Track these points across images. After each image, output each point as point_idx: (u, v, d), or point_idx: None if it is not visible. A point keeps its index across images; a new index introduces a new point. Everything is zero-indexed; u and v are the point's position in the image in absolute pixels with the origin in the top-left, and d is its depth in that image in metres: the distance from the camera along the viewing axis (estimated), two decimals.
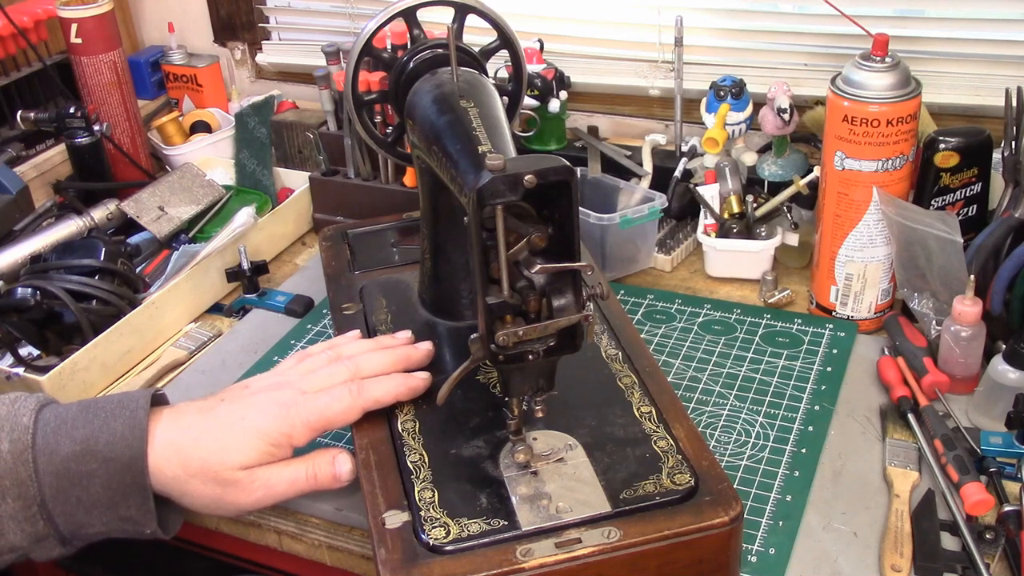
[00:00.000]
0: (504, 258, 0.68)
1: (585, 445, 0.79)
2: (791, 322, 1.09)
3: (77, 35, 1.37)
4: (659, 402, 0.83)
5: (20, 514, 0.74)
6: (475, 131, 0.78)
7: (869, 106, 0.97)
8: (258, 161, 1.44)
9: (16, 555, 0.76)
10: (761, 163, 1.23)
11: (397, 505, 0.75)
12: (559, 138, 1.37)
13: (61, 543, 0.77)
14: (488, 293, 0.70)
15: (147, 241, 1.28)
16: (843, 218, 1.03)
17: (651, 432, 0.80)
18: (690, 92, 1.32)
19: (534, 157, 0.70)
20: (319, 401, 0.80)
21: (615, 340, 0.91)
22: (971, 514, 0.82)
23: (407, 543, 0.71)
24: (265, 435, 0.78)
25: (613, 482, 0.75)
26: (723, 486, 0.74)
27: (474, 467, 0.78)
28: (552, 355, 0.73)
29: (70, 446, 0.75)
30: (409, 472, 0.78)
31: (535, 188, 0.67)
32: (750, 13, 1.35)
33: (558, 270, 0.71)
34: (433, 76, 0.90)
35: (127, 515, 0.76)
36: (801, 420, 0.95)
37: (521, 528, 0.72)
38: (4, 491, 0.74)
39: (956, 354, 0.96)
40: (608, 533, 0.71)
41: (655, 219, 1.18)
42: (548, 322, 0.71)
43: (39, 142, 1.45)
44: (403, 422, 0.83)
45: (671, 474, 0.76)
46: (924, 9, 1.25)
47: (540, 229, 0.70)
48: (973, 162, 1.03)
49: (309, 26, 1.64)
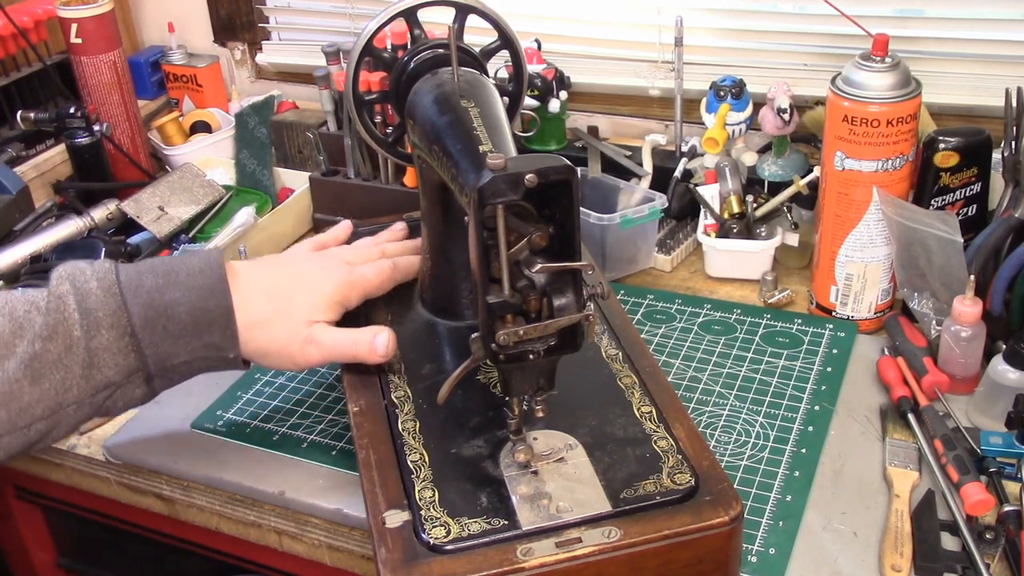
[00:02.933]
0: (505, 257, 0.68)
1: (585, 445, 0.79)
2: (791, 322, 1.09)
3: (77, 35, 1.37)
4: (659, 402, 0.83)
5: (114, 345, 0.78)
6: (476, 131, 0.78)
7: (869, 106, 0.97)
8: (258, 161, 1.44)
9: (106, 395, 0.80)
10: (761, 163, 1.24)
11: (397, 504, 0.75)
12: (559, 138, 1.37)
13: (146, 380, 0.81)
14: (489, 292, 0.70)
15: (147, 241, 1.28)
16: (843, 218, 1.03)
17: (651, 432, 0.80)
18: (690, 92, 1.32)
19: (535, 156, 0.70)
20: (367, 270, 0.92)
21: (615, 340, 0.91)
22: (971, 514, 0.82)
23: (407, 542, 0.71)
24: (328, 296, 0.88)
25: (613, 482, 0.75)
26: (723, 486, 0.74)
27: (474, 467, 0.78)
28: (553, 355, 0.73)
29: (153, 279, 0.81)
30: (409, 471, 0.78)
31: (536, 187, 0.67)
32: (750, 13, 1.35)
33: (559, 269, 0.71)
34: (434, 76, 0.90)
35: (211, 341, 0.82)
36: (801, 420, 0.95)
37: (521, 527, 0.72)
38: (99, 323, 0.78)
39: (956, 354, 0.96)
40: (608, 533, 0.71)
41: (655, 219, 1.18)
42: (549, 321, 0.71)
43: (39, 142, 1.45)
44: (403, 421, 0.83)
45: (671, 474, 0.75)
46: (924, 9, 1.25)
47: (541, 228, 0.70)
48: (973, 162, 1.03)
49: (309, 26, 1.64)
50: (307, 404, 1.00)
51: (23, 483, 1.16)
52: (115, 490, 1.01)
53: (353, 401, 0.86)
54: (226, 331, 0.82)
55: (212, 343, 0.82)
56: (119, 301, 0.79)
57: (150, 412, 1.01)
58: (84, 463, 1.01)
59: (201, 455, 0.96)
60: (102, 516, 1.10)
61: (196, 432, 0.98)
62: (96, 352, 0.78)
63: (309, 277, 0.89)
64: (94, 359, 0.78)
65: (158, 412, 1.01)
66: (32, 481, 1.11)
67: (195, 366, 0.83)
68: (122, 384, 0.80)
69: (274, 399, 1.01)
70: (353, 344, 0.86)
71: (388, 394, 0.86)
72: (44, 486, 1.11)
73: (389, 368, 0.88)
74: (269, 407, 1.00)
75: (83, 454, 1.00)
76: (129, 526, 1.09)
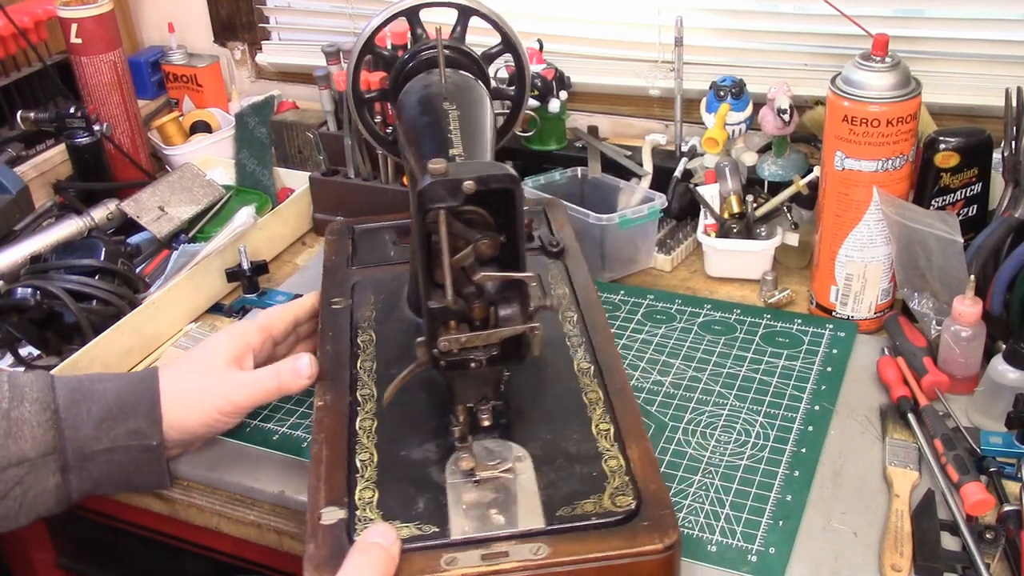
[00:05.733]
0: (447, 263, 0.67)
1: (535, 458, 0.77)
2: (791, 322, 1.09)
3: (77, 35, 1.37)
4: (620, 421, 0.81)
5: (35, 418, 0.80)
6: (450, 134, 0.77)
7: (869, 106, 0.97)
8: (258, 161, 1.44)
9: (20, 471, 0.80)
10: (761, 163, 1.24)
11: (337, 502, 0.74)
12: (559, 138, 1.37)
13: (61, 468, 0.82)
14: (431, 297, 0.69)
15: (147, 241, 1.28)
16: (843, 218, 1.03)
17: (604, 451, 0.78)
18: (690, 92, 1.32)
19: (480, 164, 0.69)
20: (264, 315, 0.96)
21: (591, 353, 0.89)
22: (971, 514, 0.82)
23: (337, 541, 0.71)
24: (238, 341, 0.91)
25: (554, 498, 0.73)
26: (664, 512, 0.72)
27: (420, 471, 0.77)
28: (496, 364, 0.72)
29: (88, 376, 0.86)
30: (356, 470, 0.77)
31: (475, 195, 0.66)
32: (750, 13, 1.35)
33: (500, 279, 0.70)
34: (426, 76, 0.90)
35: (136, 427, 0.83)
36: (801, 420, 0.95)
37: (450, 536, 0.71)
38: (23, 395, 0.81)
39: (956, 354, 0.96)
40: (537, 550, 0.69)
41: (655, 219, 1.18)
42: (491, 331, 0.70)
43: (39, 142, 1.45)
44: (362, 420, 0.82)
45: (614, 495, 0.73)
46: (924, 9, 1.25)
47: (491, 237, 0.69)
48: (973, 162, 1.03)
49: (309, 26, 1.64)
50: (307, 404, 1.00)
51: None
52: None
53: (320, 395, 0.86)
54: (151, 415, 0.84)
55: (136, 429, 0.84)
56: (47, 381, 0.84)
57: None
58: None
59: (201, 455, 0.95)
60: (102, 516, 1.10)
61: None
62: (16, 422, 0.80)
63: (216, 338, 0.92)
64: (12, 429, 0.80)
65: None
66: None
67: (115, 457, 0.84)
68: (35, 463, 0.81)
69: None
70: (275, 374, 0.87)
71: (355, 391, 0.86)
72: None
73: (362, 366, 0.88)
74: (269, 407, 1.00)
75: None
76: (129, 526, 1.09)
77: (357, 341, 0.93)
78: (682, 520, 0.84)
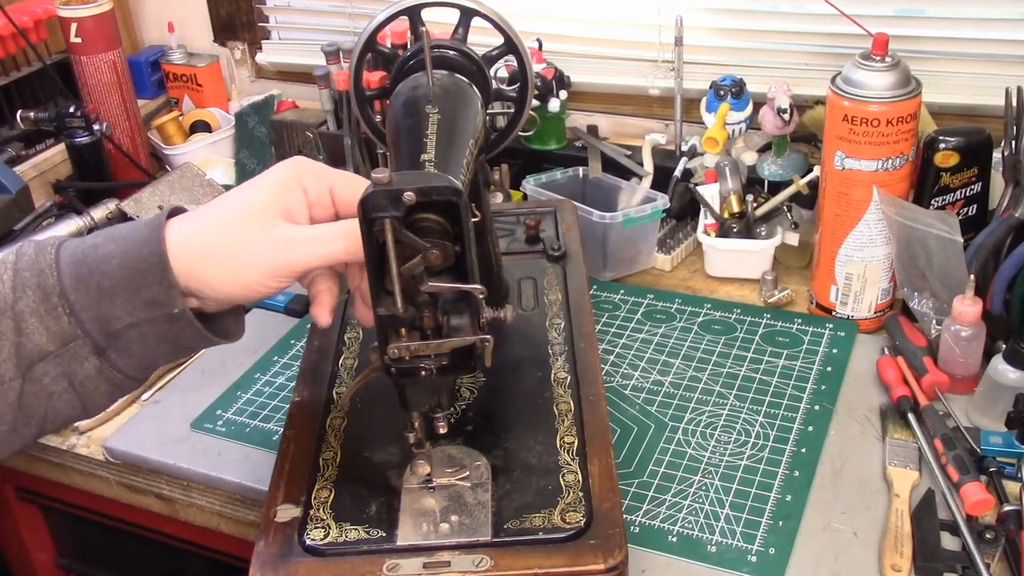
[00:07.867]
0: (395, 271, 0.67)
1: (494, 467, 0.77)
2: (791, 322, 1.09)
3: (77, 35, 1.37)
4: (587, 434, 0.80)
5: (41, 307, 0.69)
6: (426, 138, 0.77)
7: (869, 106, 0.97)
8: (258, 161, 1.44)
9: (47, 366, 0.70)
10: (761, 163, 1.24)
11: (294, 500, 0.74)
12: (559, 138, 1.37)
13: (95, 351, 0.71)
14: (381, 304, 0.69)
15: None
16: (843, 218, 1.03)
17: (564, 464, 0.77)
18: (690, 92, 1.32)
19: (425, 174, 0.68)
20: None
21: (571, 363, 0.88)
22: (971, 514, 0.82)
23: (287, 539, 0.71)
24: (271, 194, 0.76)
25: (504, 510, 0.73)
26: (614, 532, 0.71)
27: (379, 474, 0.77)
28: (447, 374, 0.71)
29: (94, 238, 0.72)
30: (317, 469, 0.77)
31: (427, 204, 0.66)
32: (750, 13, 1.35)
33: (445, 290, 0.69)
34: (416, 77, 0.90)
35: (150, 296, 0.70)
36: (801, 420, 0.95)
37: (396, 542, 0.71)
38: (24, 284, 0.69)
39: (956, 354, 0.96)
40: (479, 561, 0.69)
41: (657, 219, 1.18)
42: (440, 340, 0.70)
43: (39, 142, 1.45)
44: (333, 418, 0.82)
45: (565, 511, 0.73)
46: (924, 9, 1.25)
47: (441, 247, 0.68)
48: (973, 162, 1.03)
49: (309, 26, 1.64)
50: None
51: (23, 483, 1.16)
52: (115, 490, 1.01)
53: (298, 391, 0.86)
54: (163, 281, 0.70)
55: (151, 299, 0.70)
56: (49, 259, 0.70)
57: (150, 412, 1.01)
58: (84, 463, 1.01)
59: (201, 455, 0.96)
60: (102, 516, 1.10)
61: (196, 432, 0.98)
62: (22, 316, 0.69)
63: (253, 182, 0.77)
64: (21, 325, 0.69)
65: (158, 412, 1.01)
66: (32, 481, 1.11)
67: (145, 330, 0.71)
68: (60, 354, 0.70)
69: (274, 399, 1.01)
70: (342, 235, 0.72)
71: (331, 389, 0.86)
72: (44, 486, 1.11)
73: (343, 363, 0.88)
74: (269, 407, 1.00)
75: (83, 454, 1.00)
76: (129, 526, 1.09)
77: (344, 337, 0.93)
78: (682, 520, 0.84)
